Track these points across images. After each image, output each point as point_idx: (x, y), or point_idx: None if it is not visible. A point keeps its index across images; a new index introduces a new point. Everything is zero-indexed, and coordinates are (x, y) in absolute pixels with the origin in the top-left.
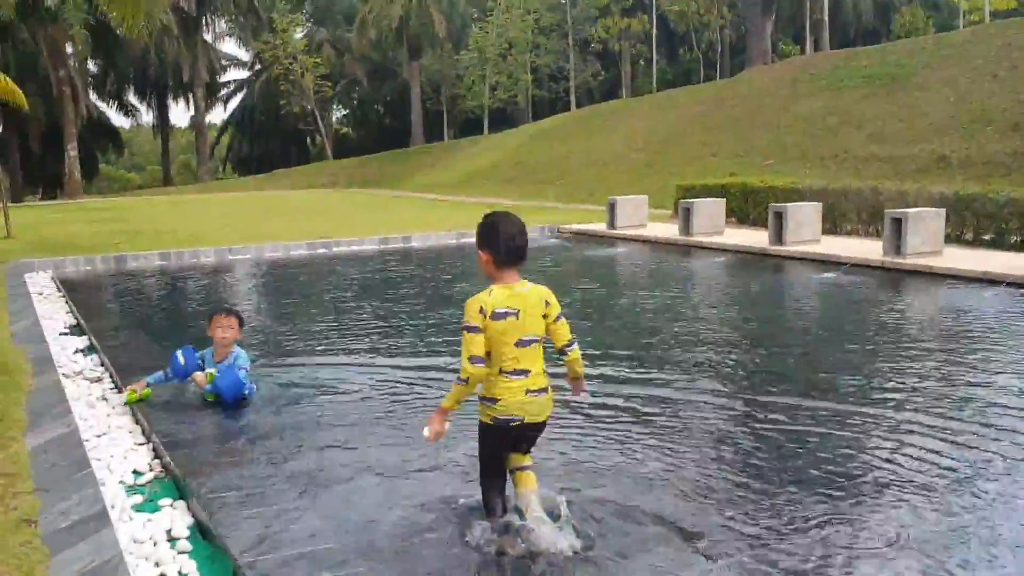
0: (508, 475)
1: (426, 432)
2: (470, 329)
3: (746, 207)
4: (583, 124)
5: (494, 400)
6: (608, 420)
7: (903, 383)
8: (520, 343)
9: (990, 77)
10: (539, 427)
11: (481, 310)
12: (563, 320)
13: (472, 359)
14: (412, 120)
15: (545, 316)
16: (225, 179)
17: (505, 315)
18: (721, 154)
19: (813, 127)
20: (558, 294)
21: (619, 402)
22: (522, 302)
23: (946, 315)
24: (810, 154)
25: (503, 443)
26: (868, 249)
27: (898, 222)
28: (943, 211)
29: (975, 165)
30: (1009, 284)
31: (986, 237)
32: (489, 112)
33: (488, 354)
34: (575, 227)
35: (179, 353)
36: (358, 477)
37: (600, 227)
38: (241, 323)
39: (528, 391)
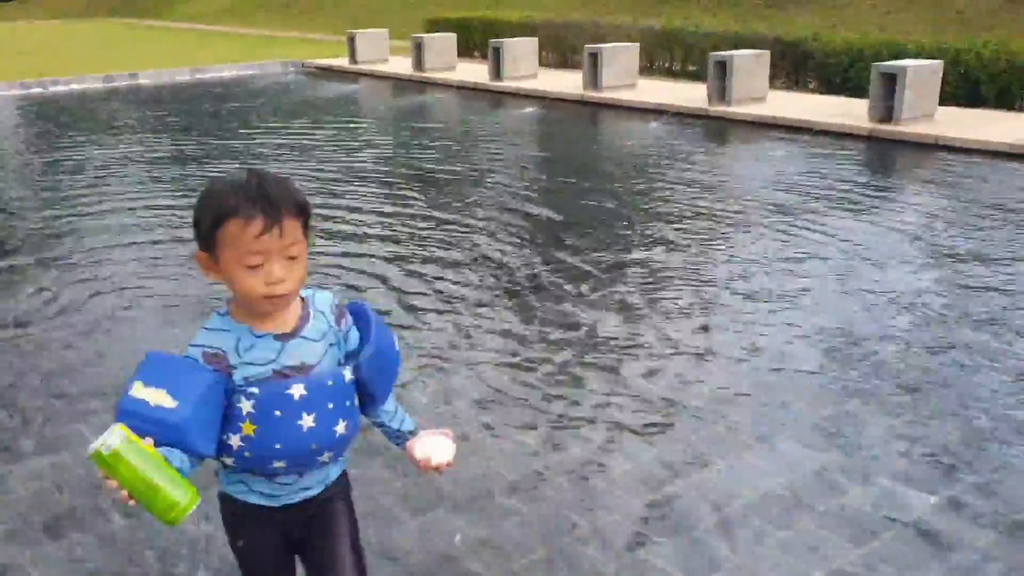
0: None
1: None
2: None
3: (483, 41)
4: None
5: None
6: None
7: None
8: None
9: None
10: None
11: None
12: None
13: None
14: None
15: None
16: None
17: None
18: None
19: None
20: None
21: None
22: None
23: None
24: None
25: None
26: (575, 83)
27: (595, 56)
28: (637, 46)
29: None
30: (674, 114)
31: (692, 68)
32: None
33: None
34: (318, 62)
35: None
36: None
37: (343, 62)
38: (307, 224)
39: None
